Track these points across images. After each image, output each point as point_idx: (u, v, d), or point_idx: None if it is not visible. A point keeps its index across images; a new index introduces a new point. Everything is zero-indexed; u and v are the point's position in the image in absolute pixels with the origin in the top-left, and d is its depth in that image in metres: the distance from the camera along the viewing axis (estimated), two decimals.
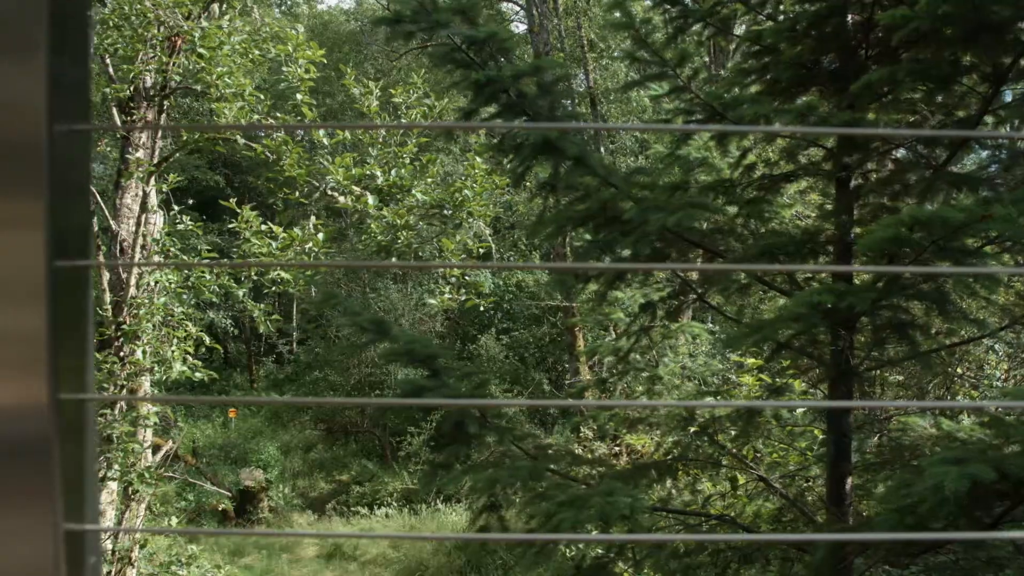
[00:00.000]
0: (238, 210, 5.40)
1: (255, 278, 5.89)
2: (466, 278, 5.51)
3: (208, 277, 6.35)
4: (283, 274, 5.26)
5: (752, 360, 5.11)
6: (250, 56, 5.00)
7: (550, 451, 3.72)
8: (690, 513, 3.90)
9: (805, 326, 2.70)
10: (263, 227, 5.21)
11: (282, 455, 14.88)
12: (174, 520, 7.80)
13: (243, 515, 12.95)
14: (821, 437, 5.34)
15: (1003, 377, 9.21)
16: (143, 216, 6.58)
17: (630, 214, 3.28)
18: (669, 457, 4.22)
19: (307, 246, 5.00)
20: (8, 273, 0.50)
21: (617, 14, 3.60)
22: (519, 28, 19.25)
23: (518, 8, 19.31)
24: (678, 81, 3.54)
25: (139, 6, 4.99)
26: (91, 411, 0.54)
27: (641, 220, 3.29)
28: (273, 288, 6.11)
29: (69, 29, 0.52)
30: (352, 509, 13.60)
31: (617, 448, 10.25)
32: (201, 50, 4.82)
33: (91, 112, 0.54)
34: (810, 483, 4.62)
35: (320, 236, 5.05)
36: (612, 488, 3.13)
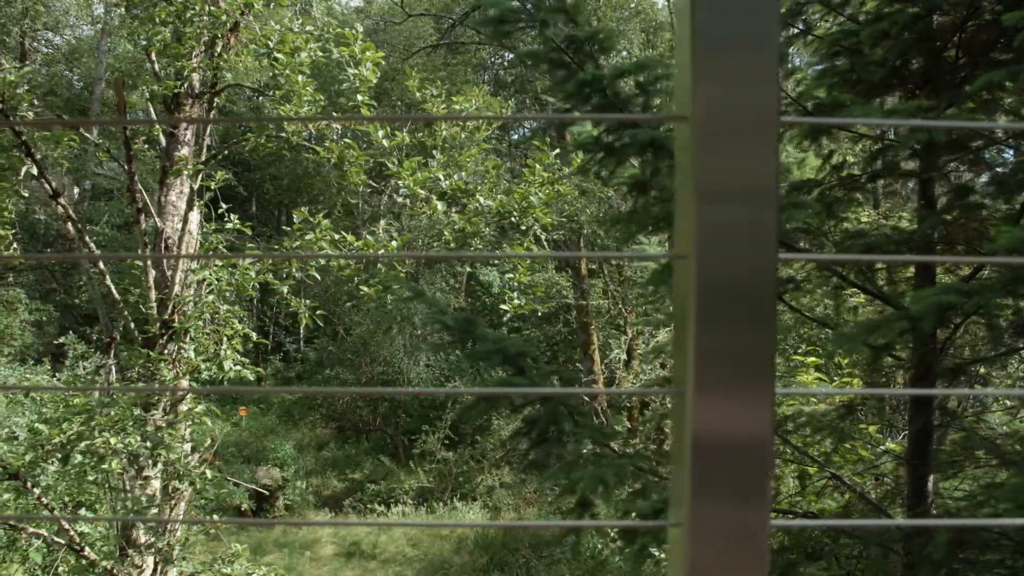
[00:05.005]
0: (311, 219, 5.38)
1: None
2: (518, 283, 5.50)
3: (251, 275, 6.34)
4: (364, 288, 5.23)
5: (812, 359, 5.14)
6: (312, 57, 4.96)
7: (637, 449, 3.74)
8: (778, 511, 3.93)
9: (925, 326, 2.72)
10: (336, 235, 5.19)
11: (297, 453, 14.89)
12: (214, 517, 7.77)
13: (260, 513, 12.93)
14: (876, 435, 5.39)
15: None
16: (189, 214, 6.56)
17: None
18: None
19: (379, 253, 4.97)
20: (747, 274, 0.51)
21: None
22: None
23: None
24: None
25: (212, 7, 4.95)
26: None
27: None
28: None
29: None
30: (368, 507, 13.61)
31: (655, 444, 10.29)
32: (278, 55, 4.78)
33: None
34: (878, 481, 4.66)
35: (394, 243, 5.04)
36: None
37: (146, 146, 7.00)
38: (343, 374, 16.80)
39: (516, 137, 21.57)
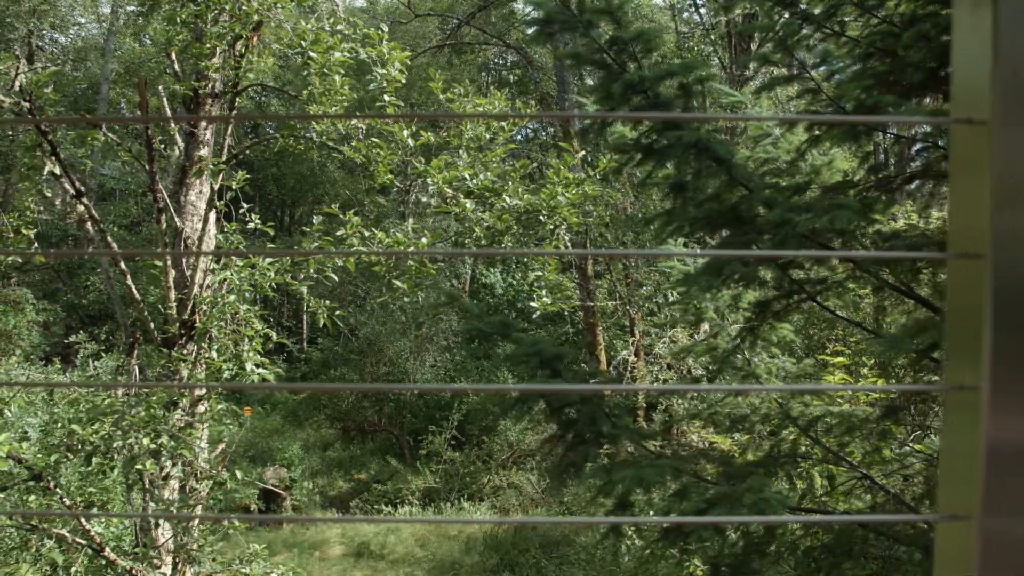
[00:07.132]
0: (342, 216, 5.36)
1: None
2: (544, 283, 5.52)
3: (270, 274, 6.33)
4: (396, 283, 5.23)
5: (839, 359, 5.15)
6: (344, 57, 4.94)
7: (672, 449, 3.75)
8: (816, 511, 3.93)
9: None
10: (367, 233, 5.18)
11: (303, 453, 14.89)
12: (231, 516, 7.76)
13: (268, 513, 12.93)
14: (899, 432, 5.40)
15: None
16: (209, 214, 6.55)
17: (772, 216, 3.30)
18: (774, 454, 4.25)
19: (408, 251, 4.93)
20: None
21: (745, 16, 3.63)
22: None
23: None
24: (811, 83, 3.57)
25: (241, 7, 4.94)
26: None
27: (782, 221, 3.32)
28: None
29: None
30: (375, 507, 13.61)
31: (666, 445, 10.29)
32: (313, 54, 4.77)
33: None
34: (907, 481, 4.67)
35: (424, 240, 5.04)
36: (761, 484, 3.15)
37: (162, 146, 7.00)
38: (348, 374, 16.80)
39: (520, 138, 21.60)
